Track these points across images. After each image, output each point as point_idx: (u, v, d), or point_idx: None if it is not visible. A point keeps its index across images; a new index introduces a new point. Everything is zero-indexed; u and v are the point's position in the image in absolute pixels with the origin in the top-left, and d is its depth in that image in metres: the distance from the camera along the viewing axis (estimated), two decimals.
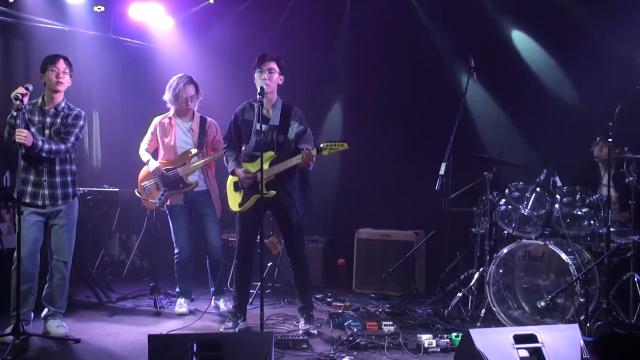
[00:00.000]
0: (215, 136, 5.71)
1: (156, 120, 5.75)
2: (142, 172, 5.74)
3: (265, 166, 4.67)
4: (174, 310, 5.59)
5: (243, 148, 5.04)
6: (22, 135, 4.37)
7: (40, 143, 4.52)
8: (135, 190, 5.75)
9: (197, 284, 6.13)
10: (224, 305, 5.66)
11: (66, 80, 4.74)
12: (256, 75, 4.86)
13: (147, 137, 5.75)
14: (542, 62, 6.55)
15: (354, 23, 7.37)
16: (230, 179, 5.05)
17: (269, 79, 4.80)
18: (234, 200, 4.99)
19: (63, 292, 4.80)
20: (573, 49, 6.31)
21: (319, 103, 7.22)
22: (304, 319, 4.96)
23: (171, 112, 5.67)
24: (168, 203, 5.59)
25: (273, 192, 4.77)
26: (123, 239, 7.61)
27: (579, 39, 6.29)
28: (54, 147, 4.62)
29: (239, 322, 4.95)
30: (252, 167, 4.86)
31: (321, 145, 4.67)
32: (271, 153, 4.81)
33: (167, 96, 5.61)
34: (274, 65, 4.86)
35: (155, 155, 5.74)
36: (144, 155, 5.70)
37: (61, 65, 4.70)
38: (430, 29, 7.05)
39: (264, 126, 4.79)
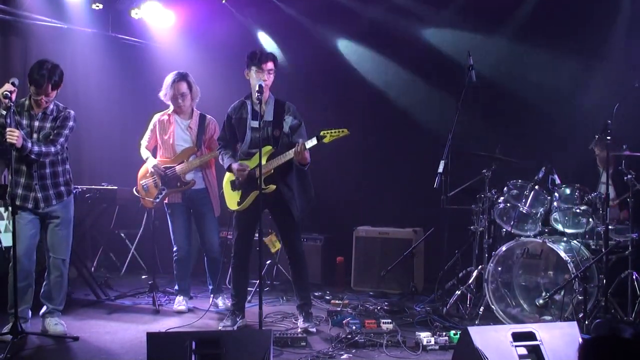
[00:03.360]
0: (213, 135, 5.69)
1: (156, 117, 5.74)
2: (141, 171, 5.74)
3: (264, 161, 4.65)
4: (172, 308, 5.59)
5: (238, 147, 5.02)
6: (14, 136, 4.25)
7: (29, 145, 4.40)
8: (134, 189, 5.75)
9: (195, 282, 6.14)
10: (223, 303, 5.66)
11: (51, 100, 4.54)
12: (253, 72, 4.83)
13: (147, 135, 5.74)
14: (541, 59, 6.54)
15: (352, 20, 7.37)
16: (227, 178, 5.02)
17: (268, 80, 4.80)
18: (232, 199, 4.98)
19: (61, 289, 4.79)
20: (572, 46, 6.31)
21: (316, 101, 7.21)
22: (303, 316, 4.96)
23: (170, 109, 5.67)
24: (166, 201, 5.59)
25: (273, 187, 4.75)
26: (122, 237, 7.61)
27: (578, 37, 6.28)
28: (43, 149, 4.50)
29: (238, 320, 4.95)
30: (250, 164, 4.86)
31: (321, 133, 4.59)
32: (269, 147, 4.79)
33: (161, 93, 5.61)
34: (272, 65, 4.85)
35: (154, 152, 5.73)
36: (144, 152, 5.70)
37: (43, 90, 4.42)
38: (428, 26, 7.05)
39: (258, 122, 4.79)
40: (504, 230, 5.40)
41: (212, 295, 5.71)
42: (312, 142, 4.63)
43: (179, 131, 5.63)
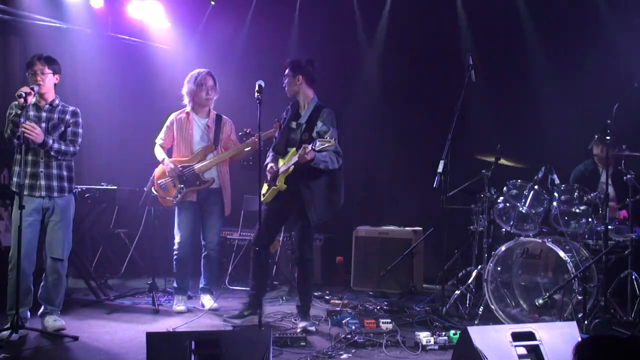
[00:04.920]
0: (230, 135, 5.68)
1: (173, 115, 5.71)
2: (158, 170, 5.67)
3: (288, 160, 4.82)
4: (172, 307, 5.58)
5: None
6: (35, 132, 4.39)
7: (50, 141, 4.54)
8: (152, 188, 5.69)
9: (195, 282, 6.13)
10: (211, 301, 5.62)
11: (47, 80, 4.66)
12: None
13: (163, 132, 5.70)
14: (542, 59, 6.55)
15: (351, 20, 7.37)
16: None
17: (284, 84, 5.03)
18: (262, 192, 5.03)
19: (59, 291, 4.79)
20: (572, 46, 6.31)
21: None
22: (302, 316, 4.96)
23: (188, 108, 5.65)
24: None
25: (284, 185, 4.83)
26: (121, 237, 7.60)
27: (579, 36, 6.29)
28: (63, 147, 4.63)
29: (246, 314, 5.02)
30: (281, 162, 4.95)
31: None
32: (293, 150, 4.85)
33: (186, 89, 5.58)
34: (287, 71, 5.02)
35: (170, 151, 5.70)
36: (159, 153, 5.65)
37: (37, 67, 4.63)
38: (429, 25, 7.05)
39: (294, 123, 4.96)
40: (504, 230, 5.40)
41: (200, 294, 5.71)
42: (306, 149, 4.59)
43: (197, 130, 5.62)
